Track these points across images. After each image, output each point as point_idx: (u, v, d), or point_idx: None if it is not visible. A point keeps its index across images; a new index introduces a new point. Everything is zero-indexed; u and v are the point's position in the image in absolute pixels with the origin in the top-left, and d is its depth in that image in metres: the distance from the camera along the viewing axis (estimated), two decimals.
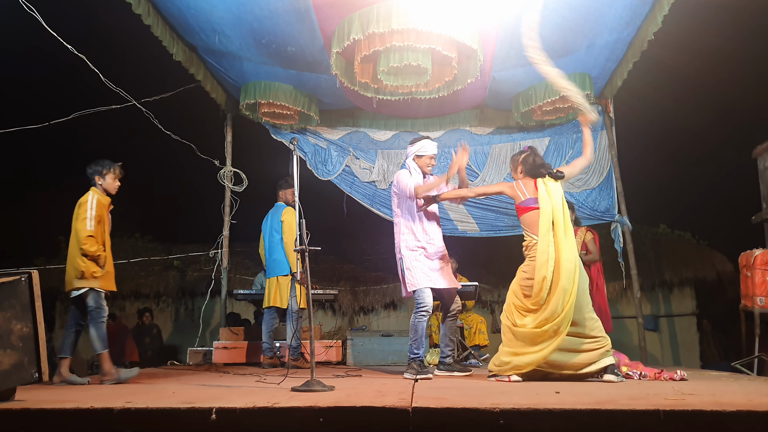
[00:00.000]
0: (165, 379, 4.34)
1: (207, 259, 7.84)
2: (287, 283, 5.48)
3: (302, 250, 3.57)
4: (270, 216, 5.75)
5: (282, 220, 5.53)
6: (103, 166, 4.35)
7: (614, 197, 7.03)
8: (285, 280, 5.50)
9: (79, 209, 4.19)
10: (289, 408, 2.35)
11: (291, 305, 5.41)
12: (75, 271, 4.12)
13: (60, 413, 2.41)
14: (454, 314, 4.52)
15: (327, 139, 7.52)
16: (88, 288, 4.13)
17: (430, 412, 2.29)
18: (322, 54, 5.86)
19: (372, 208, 7.46)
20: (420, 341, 4.27)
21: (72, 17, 5.77)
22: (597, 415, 2.22)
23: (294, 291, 5.40)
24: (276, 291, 5.52)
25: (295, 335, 5.36)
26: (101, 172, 4.33)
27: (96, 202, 4.22)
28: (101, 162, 4.37)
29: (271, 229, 5.65)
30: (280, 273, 5.52)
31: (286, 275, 5.48)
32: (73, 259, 4.14)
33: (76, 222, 4.19)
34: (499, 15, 5.32)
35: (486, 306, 9.12)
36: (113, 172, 4.37)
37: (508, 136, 7.49)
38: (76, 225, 4.17)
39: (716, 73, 9.60)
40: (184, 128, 6.83)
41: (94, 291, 4.15)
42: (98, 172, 4.33)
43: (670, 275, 9.28)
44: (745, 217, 6.09)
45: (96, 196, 4.25)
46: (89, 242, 4.11)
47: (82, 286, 4.13)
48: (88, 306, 4.15)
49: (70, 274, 4.17)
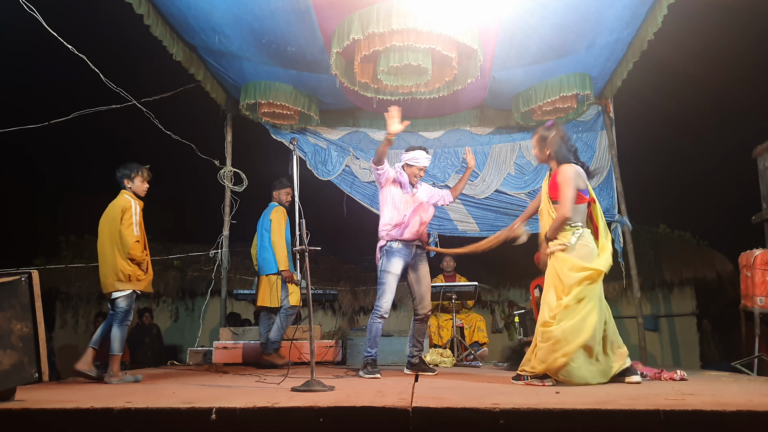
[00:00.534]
0: (165, 379, 4.34)
1: (207, 259, 7.84)
2: (276, 281, 5.51)
3: (302, 250, 3.57)
4: (262, 215, 5.78)
5: (270, 218, 5.57)
6: (131, 170, 4.42)
7: (614, 197, 7.03)
8: (274, 279, 5.52)
9: (124, 215, 4.26)
10: (289, 408, 2.35)
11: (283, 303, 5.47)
12: (120, 274, 4.23)
13: (60, 413, 2.41)
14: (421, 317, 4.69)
15: (327, 139, 7.52)
16: (131, 290, 4.28)
17: (430, 412, 2.29)
18: (322, 54, 5.86)
19: (372, 208, 7.45)
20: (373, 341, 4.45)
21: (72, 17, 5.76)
22: (597, 415, 2.22)
23: (285, 289, 5.44)
24: (266, 290, 5.54)
25: (279, 331, 5.42)
26: (130, 176, 4.42)
27: (138, 207, 4.35)
28: (129, 165, 4.44)
29: (261, 228, 5.69)
30: (268, 271, 5.54)
31: (274, 273, 5.51)
32: (115, 262, 4.23)
33: (119, 226, 4.25)
34: (499, 15, 5.31)
35: (486, 306, 9.13)
36: (141, 174, 4.45)
37: (508, 136, 7.50)
38: (122, 230, 4.24)
39: (716, 73, 9.60)
40: (184, 128, 6.83)
41: (131, 294, 4.29)
42: (127, 176, 4.42)
43: (670, 275, 9.28)
44: (745, 217, 6.10)
45: (135, 201, 4.37)
46: (136, 248, 4.25)
47: (125, 288, 4.26)
48: (117, 307, 4.26)
49: (110, 276, 4.25)
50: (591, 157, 7.20)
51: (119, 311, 4.26)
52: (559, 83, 6.34)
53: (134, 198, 4.39)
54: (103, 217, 4.39)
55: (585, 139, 7.26)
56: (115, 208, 4.33)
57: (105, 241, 4.30)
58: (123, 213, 4.27)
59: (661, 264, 9.30)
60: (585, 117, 7.22)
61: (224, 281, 7.18)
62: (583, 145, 7.24)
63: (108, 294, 4.30)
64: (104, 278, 4.29)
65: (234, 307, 8.92)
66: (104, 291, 4.32)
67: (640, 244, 8.08)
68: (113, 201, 4.40)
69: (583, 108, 6.91)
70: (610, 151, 7.11)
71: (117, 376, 4.15)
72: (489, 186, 7.31)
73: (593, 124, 7.25)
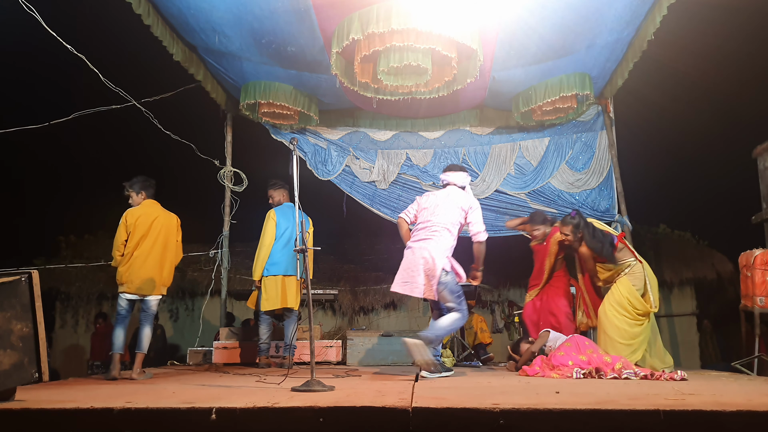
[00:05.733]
0: (165, 379, 4.34)
1: (207, 259, 7.84)
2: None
3: (302, 250, 3.57)
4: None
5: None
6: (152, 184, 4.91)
7: (614, 197, 7.03)
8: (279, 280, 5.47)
9: (178, 230, 4.79)
10: (289, 408, 2.35)
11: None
12: (167, 279, 4.69)
13: (60, 413, 2.41)
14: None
15: (327, 139, 7.52)
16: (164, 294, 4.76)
17: (430, 412, 2.29)
18: (322, 54, 5.86)
19: (372, 208, 7.46)
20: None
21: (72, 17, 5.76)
22: (597, 415, 2.22)
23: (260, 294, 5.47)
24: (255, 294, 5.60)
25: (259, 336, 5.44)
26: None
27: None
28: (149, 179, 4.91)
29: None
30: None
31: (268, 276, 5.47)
32: (168, 270, 4.70)
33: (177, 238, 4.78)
34: (499, 15, 5.31)
35: (486, 306, 9.13)
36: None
37: (508, 136, 7.50)
38: (179, 244, 4.80)
39: (716, 73, 9.61)
40: (184, 128, 6.83)
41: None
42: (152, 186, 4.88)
43: (670, 275, 9.29)
44: (745, 217, 6.09)
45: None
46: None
47: (164, 292, 4.73)
48: (151, 309, 4.65)
49: (162, 280, 4.66)
50: (591, 157, 7.20)
51: (153, 313, 4.66)
52: (559, 83, 6.34)
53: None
54: (163, 225, 4.68)
55: (585, 139, 7.26)
56: (173, 221, 4.76)
57: (162, 248, 4.64)
58: (179, 229, 4.78)
59: (661, 264, 9.30)
60: (585, 117, 7.22)
61: (224, 281, 7.17)
62: (583, 145, 7.25)
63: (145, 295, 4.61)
64: (151, 281, 4.60)
65: (234, 307, 8.92)
66: (146, 293, 4.59)
67: (640, 244, 8.09)
68: (168, 213, 4.77)
69: (583, 108, 6.91)
70: (610, 151, 7.11)
71: (141, 373, 4.50)
72: (489, 186, 7.31)
73: (593, 124, 7.25)
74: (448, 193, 4.62)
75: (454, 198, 4.56)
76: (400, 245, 4.62)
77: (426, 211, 4.55)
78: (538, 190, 7.23)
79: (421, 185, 7.53)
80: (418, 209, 4.62)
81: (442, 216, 4.46)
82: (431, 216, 4.49)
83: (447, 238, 4.42)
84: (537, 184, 7.17)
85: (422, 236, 4.45)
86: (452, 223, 4.46)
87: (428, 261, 4.32)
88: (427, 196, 4.68)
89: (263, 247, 5.44)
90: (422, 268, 4.34)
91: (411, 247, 4.47)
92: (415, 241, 4.47)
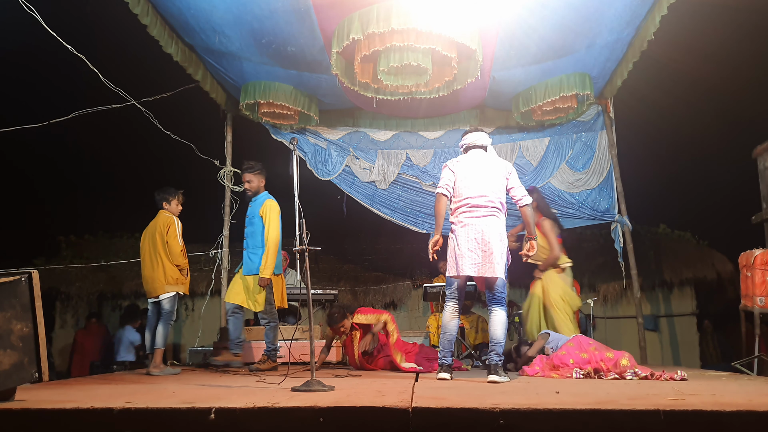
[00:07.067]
0: (165, 379, 4.34)
1: (207, 259, 7.84)
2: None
3: (302, 250, 3.57)
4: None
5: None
6: (169, 194, 5.11)
7: (614, 197, 7.03)
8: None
9: (169, 228, 4.91)
10: (289, 408, 2.35)
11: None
12: (169, 278, 4.86)
13: (60, 413, 2.41)
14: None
15: (327, 139, 7.52)
16: (175, 292, 4.90)
17: (430, 412, 2.29)
18: (322, 54, 5.86)
19: (372, 208, 7.45)
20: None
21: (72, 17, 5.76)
22: (597, 415, 2.22)
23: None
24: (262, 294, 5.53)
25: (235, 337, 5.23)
26: (168, 199, 5.11)
27: (179, 222, 5.02)
28: (167, 190, 5.12)
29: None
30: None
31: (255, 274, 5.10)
32: (162, 269, 4.86)
33: (165, 238, 4.89)
34: (499, 15, 5.32)
35: (486, 306, 9.10)
36: (177, 198, 5.15)
37: (508, 136, 7.50)
38: (170, 241, 4.89)
39: (716, 73, 9.59)
40: (184, 128, 6.82)
41: (176, 295, 4.91)
42: (166, 199, 5.10)
43: (670, 275, 9.27)
44: (745, 217, 6.08)
45: (176, 217, 5.05)
46: (182, 255, 4.94)
47: (171, 291, 4.88)
48: (163, 308, 4.86)
49: (158, 280, 4.85)
50: (591, 157, 7.20)
51: (166, 311, 4.84)
52: (559, 83, 6.34)
53: (174, 215, 5.06)
54: (147, 232, 5.00)
55: (585, 139, 7.26)
56: (158, 223, 4.96)
57: (150, 252, 4.90)
58: (168, 227, 4.90)
59: (661, 264, 9.29)
60: (585, 117, 7.22)
61: (224, 281, 7.17)
62: (583, 145, 7.25)
63: (155, 297, 4.88)
64: (152, 283, 4.89)
65: None
66: (153, 294, 4.90)
67: (640, 244, 8.08)
68: (156, 218, 5.03)
69: (583, 108, 6.91)
70: (610, 151, 7.11)
71: (159, 367, 4.71)
72: None
73: (593, 124, 7.25)
74: (483, 159, 4.19)
75: (494, 165, 4.17)
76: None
77: (471, 182, 4.08)
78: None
79: (421, 185, 7.53)
80: (456, 180, 4.13)
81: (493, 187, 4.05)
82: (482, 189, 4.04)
83: (503, 214, 4.10)
84: (537, 184, 7.17)
85: (481, 213, 4.00)
86: (503, 193, 4.12)
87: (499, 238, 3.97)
88: (461, 165, 4.18)
89: (276, 241, 4.98)
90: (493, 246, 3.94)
91: (468, 223, 4.00)
92: (472, 217, 4.00)
